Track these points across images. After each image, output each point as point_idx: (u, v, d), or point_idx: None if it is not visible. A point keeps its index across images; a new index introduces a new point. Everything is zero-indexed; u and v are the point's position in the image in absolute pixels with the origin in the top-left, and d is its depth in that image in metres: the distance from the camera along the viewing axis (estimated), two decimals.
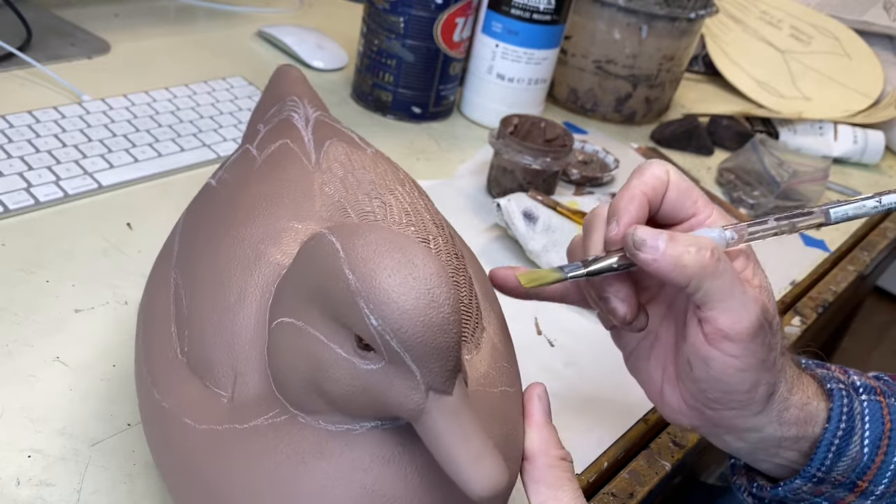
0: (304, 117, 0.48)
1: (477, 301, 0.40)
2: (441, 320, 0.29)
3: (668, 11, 0.94)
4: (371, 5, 0.85)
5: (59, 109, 0.73)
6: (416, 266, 0.29)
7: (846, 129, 1.04)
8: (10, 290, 0.54)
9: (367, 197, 0.40)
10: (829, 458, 0.44)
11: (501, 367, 0.38)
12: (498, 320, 0.42)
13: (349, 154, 0.44)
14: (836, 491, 0.45)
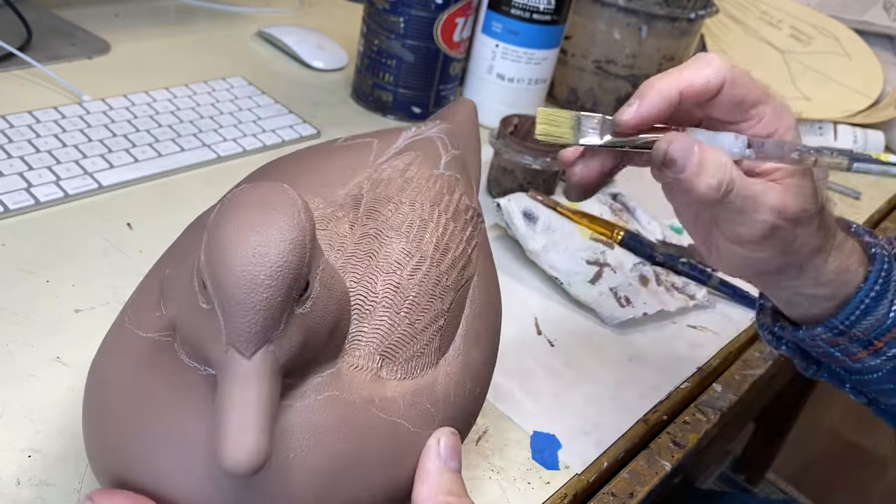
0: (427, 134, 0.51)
1: (442, 337, 0.39)
2: (253, 280, 0.29)
3: (668, 11, 0.94)
4: (371, 5, 0.85)
5: (59, 109, 0.73)
6: (262, 225, 0.29)
7: (846, 129, 1.04)
8: (10, 290, 0.54)
9: (386, 200, 0.43)
10: (856, 314, 0.45)
11: (422, 408, 0.36)
12: (476, 370, 0.41)
13: (409, 165, 0.46)
14: (851, 345, 0.47)
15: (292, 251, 0.29)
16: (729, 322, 0.69)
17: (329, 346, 0.34)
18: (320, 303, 0.32)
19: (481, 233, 0.47)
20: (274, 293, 0.29)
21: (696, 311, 0.69)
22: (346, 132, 0.84)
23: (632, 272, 0.69)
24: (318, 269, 0.32)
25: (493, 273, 0.47)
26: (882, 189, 1.02)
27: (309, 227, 0.31)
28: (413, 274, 0.39)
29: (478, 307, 0.43)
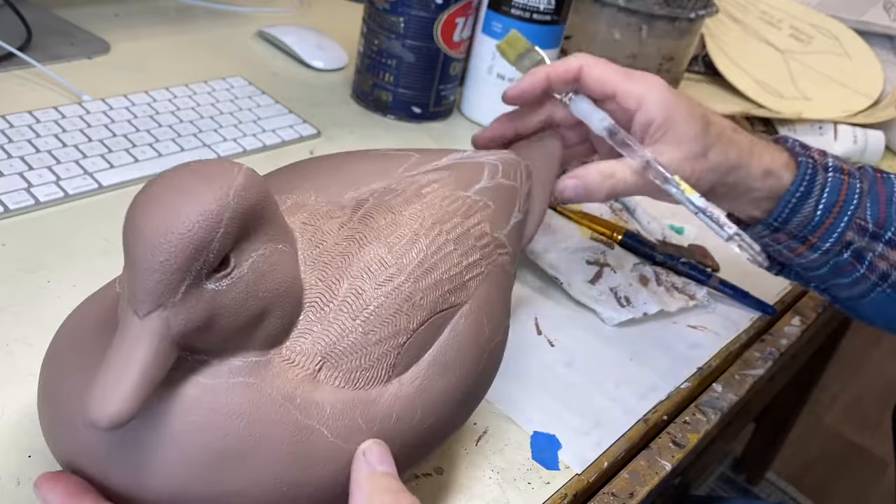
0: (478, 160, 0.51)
1: (400, 356, 0.38)
2: (153, 242, 0.29)
3: (668, 11, 0.94)
4: (371, 5, 0.85)
5: (59, 109, 0.73)
6: (183, 192, 0.30)
7: (846, 129, 1.04)
8: (11, 290, 0.54)
9: (387, 209, 0.42)
10: (785, 213, 0.56)
11: (352, 421, 0.35)
12: (433, 400, 0.39)
13: (433, 181, 0.46)
14: (791, 241, 0.57)
15: (201, 222, 0.30)
16: (729, 322, 0.69)
17: (256, 334, 0.34)
18: (244, 286, 0.32)
19: (495, 265, 0.45)
20: (171, 258, 0.29)
21: (697, 311, 0.69)
22: (347, 132, 0.84)
23: (632, 272, 0.69)
24: (255, 253, 0.33)
25: (498, 310, 0.44)
26: None
27: (237, 205, 0.31)
28: (382, 284, 0.38)
29: (460, 337, 0.41)
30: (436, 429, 0.40)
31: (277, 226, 0.35)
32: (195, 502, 0.33)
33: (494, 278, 0.44)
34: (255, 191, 0.32)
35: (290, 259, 0.35)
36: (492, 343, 0.43)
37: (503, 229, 0.47)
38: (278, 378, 0.34)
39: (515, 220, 0.49)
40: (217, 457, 0.32)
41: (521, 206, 0.51)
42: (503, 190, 0.49)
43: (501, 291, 0.45)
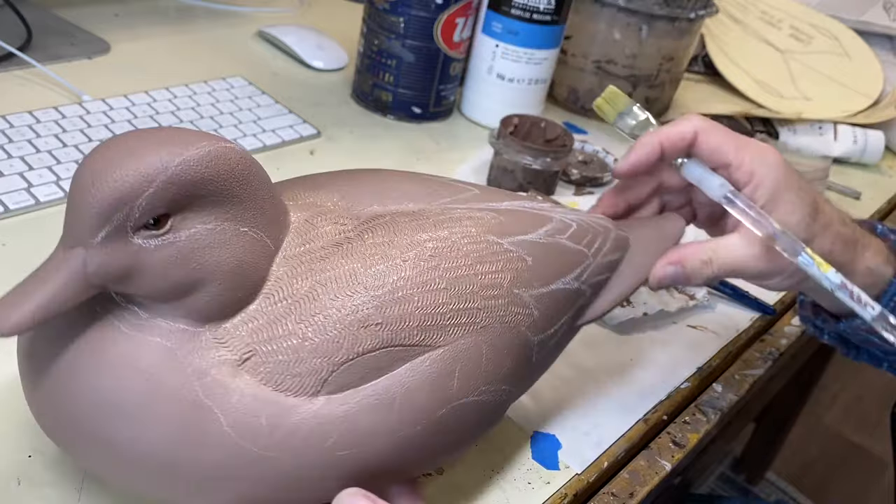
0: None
1: (337, 376, 0.36)
2: (84, 183, 0.32)
3: (668, 11, 0.94)
4: (371, 5, 0.85)
5: (59, 109, 0.73)
6: (132, 148, 0.32)
7: (846, 129, 1.04)
8: None
9: (395, 230, 0.41)
10: (891, 305, 0.52)
11: (255, 420, 0.35)
12: (355, 433, 0.37)
13: (464, 219, 0.43)
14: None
15: (129, 178, 0.31)
16: (729, 322, 0.69)
17: (187, 303, 0.35)
18: (174, 251, 0.33)
19: (501, 321, 0.41)
20: (94, 202, 0.31)
21: (697, 311, 0.69)
22: (347, 132, 0.84)
23: None
24: (202, 225, 0.34)
25: (485, 369, 0.40)
26: (882, 189, 1.02)
27: (180, 173, 0.32)
28: (340, 297, 0.37)
29: (416, 380, 0.38)
30: (354, 463, 0.37)
31: (251, 210, 0.36)
32: (84, 438, 0.35)
33: (493, 334, 0.41)
34: (213, 166, 0.33)
35: (249, 244, 0.36)
36: (459, 401, 0.39)
37: (534, 289, 0.43)
38: (198, 352, 0.35)
39: (564, 287, 0.45)
40: (108, 403, 0.34)
41: (583, 275, 0.46)
42: (558, 250, 0.45)
43: (500, 351, 0.41)
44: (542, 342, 0.44)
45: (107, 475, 0.37)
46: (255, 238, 0.36)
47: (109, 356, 0.34)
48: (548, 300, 0.44)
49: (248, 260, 0.36)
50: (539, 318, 0.43)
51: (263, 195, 0.36)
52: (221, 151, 0.34)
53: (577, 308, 0.47)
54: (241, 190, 0.35)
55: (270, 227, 0.37)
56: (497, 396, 0.42)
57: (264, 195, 0.37)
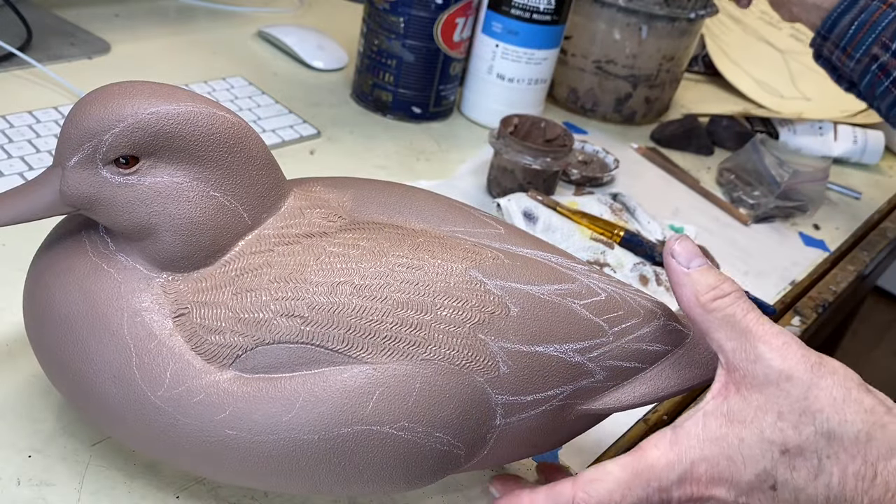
0: None
1: (247, 350, 0.36)
2: (71, 115, 0.36)
3: (668, 11, 0.94)
4: (371, 5, 0.85)
5: (59, 109, 0.73)
6: (109, 92, 0.36)
7: (846, 129, 1.04)
8: (11, 290, 0.54)
9: (383, 243, 0.40)
10: (828, 24, 0.79)
11: (159, 367, 0.36)
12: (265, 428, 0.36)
13: (466, 253, 0.41)
14: (836, 51, 0.80)
15: (101, 115, 0.35)
16: None
17: (143, 247, 0.37)
18: (135, 193, 0.36)
19: (447, 363, 0.38)
20: (70, 129, 0.36)
21: None
22: (346, 132, 0.84)
23: (632, 272, 0.69)
24: (168, 176, 0.36)
25: (407, 407, 0.37)
26: (882, 189, 1.02)
27: (150, 121, 0.35)
28: (276, 284, 0.37)
29: (325, 389, 0.37)
30: (239, 447, 0.36)
31: (229, 178, 0.37)
32: (46, 353, 0.39)
33: (435, 371, 0.37)
34: (187, 125, 0.36)
35: (215, 209, 0.37)
36: (371, 427, 0.37)
37: (508, 342, 0.39)
38: (140, 293, 0.37)
39: (557, 356, 0.40)
40: (58, 318, 0.38)
41: (593, 352, 0.41)
42: (563, 313, 0.41)
43: (439, 392, 0.37)
44: (511, 406, 0.39)
45: (60, 391, 0.40)
46: (225, 205, 0.38)
47: (70, 275, 0.38)
48: (529, 362, 0.39)
49: (208, 222, 0.37)
50: (508, 375, 0.39)
51: (251, 169, 0.38)
52: (203, 114, 0.36)
53: (580, 388, 0.41)
54: (221, 156, 0.37)
55: (251, 201, 0.38)
56: (427, 441, 0.38)
57: (252, 169, 0.38)
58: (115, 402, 0.37)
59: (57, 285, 0.38)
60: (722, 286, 0.39)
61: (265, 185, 0.39)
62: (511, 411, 0.40)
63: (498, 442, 0.40)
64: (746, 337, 0.38)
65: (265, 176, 0.39)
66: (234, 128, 0.37)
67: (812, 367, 0.37)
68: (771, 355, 0.37)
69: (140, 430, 0.37)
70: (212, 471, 0.38)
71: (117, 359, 0.36)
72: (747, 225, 0.85)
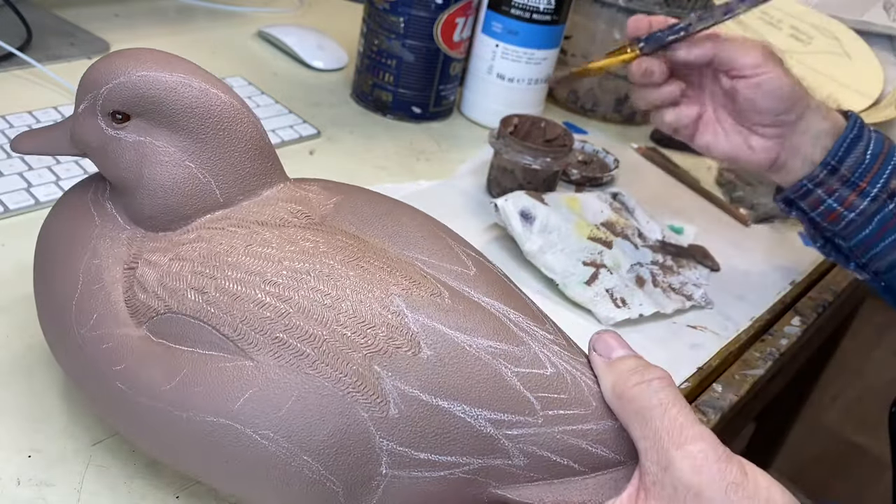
0: None
1: (160, 315, 0.37)
2: (86, 70, 0.39)
3: (667, 11, 0.94)
4: (371, 5, 0.85)
5: (59, 109, 0.73)
6: (115, 55, 0.39)
7: None
8: (10, 289, 0.54)
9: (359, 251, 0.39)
10: (841, 151, 0.63)
11: (106, 314, 0.38)
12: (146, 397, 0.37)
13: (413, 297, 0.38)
14: (843, 189, 0.63)
15: (102, 72, 0.38)
16: (729, 322, 0.69)
17: (125, 200, 0.40)
18: (119, 148, 0.39)
19: (329, 382, 0.35)
20: (83, 81, 0.39)
21: (696, 312, 0.69)
22: (346, 132, 0.84)
23: (628, 273, 0.69)
24: (150, 138, 0.38)
25: (273, 414, 0.35)
26: None
27: (138, 84, 0.38)
28: (200, 259, 0.38)
29: (202, 371, 0.36)
30: (122, 402, 0.37)
31: (208, 153, 0.39)
32: (35, 291, 0.42)
33: (311, 389, 0.35)
34: (172, 94, 0.38)
35: (186, 178, 0.39)
36: (227, 419, 0.35)
37: (408, 386, 0.35)
38: (109, 240, 0.40)
39: (465, 419, 0.36)
40: (44, 241, 0.42)
41: (512, 430, 0.37)
42: (488, 376, 0.36)
43: (311, 413, 0.35)
44: (400, 458, 0.36)
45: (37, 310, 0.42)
46: (197, 177, 0.39)
47: (66, 209, 0.42)
48: (427, 414, 0.36)
49: (176, 189, 0.39)
50: (399, 421, 0.35)
51: (234, 150, 0.40)
52: (192, 87, 0.38)
53: (492, 467, 0.37)
54: (204, 131, 0.39)
55: (227, 180, 0.40)
56: (291, 460, 0.35)
57: (235, 151, 0.40)
58: (55, 328, 0.41)
59: (54, 214, 0.43)
60: (643, 372, 0.35)
61: (248, 169, 0.40)
62: (400, 464, 0.36)
63: (389, 495, 0.37)
64: (660, 437, 0.33)
65: (250, 161, 0.40)
66: (223, 106, 0.39)
67: (728, 487, 0.32)
68: (682, 465, 0.33)
69: (63, 360, 0.41)
70: (107, 417, 0.41)
71: (66, 290, 0.39)
72: (747, 225, 0.85)
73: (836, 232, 0.65)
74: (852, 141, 0.63)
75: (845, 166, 0.63)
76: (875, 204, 0.63)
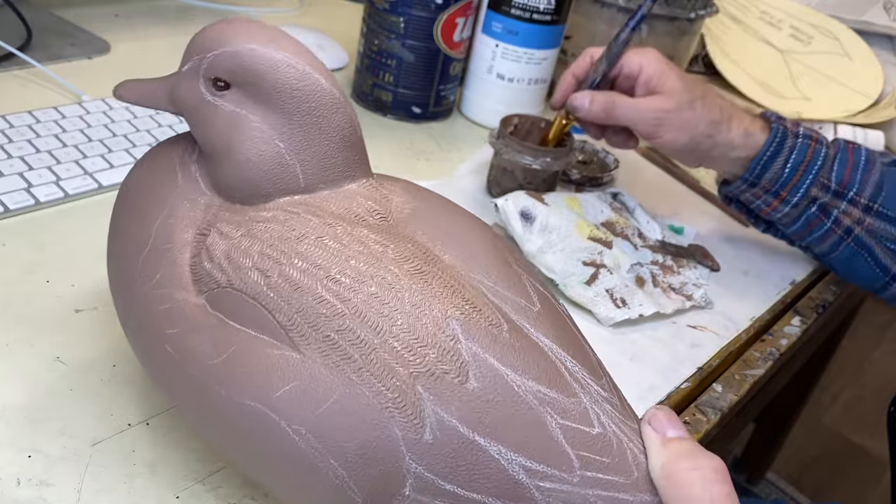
0: None
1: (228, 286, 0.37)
2: (197, 33, 0.40)
3: (668, 11, 0.94)
4: (371, 5, 0.85)
5: (59, 109, 0.73)
6: (228, 22, 0.40)
7: (846, 129, 1.04)
8: (10, 290, 0.54)
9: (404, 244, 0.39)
10: (758, 169, 0.68)
11: (172, 277, 0.39)
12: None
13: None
14: (766, 196, 0.69)
15: (212, 39, 0.39)
16: (729, 322, 0.69)
17: (211, 167, 0.40)
18: (213, 114, 0.39)
19: (370, 392, 0.35)
20: (191, 43, 0.40)
21: (696, 312, 0.69)
22: None
23: (629, 273, 0.69)
24: (245, 111, 0.39)
25: (311, 410, 0.35)
26: None
27: (242, 56, 0.38)
28: (269, 241, 0.37)
29: (253, 356, 0.36)
30: (171, 367, 0.38)
31: (299, 137, 0.39)
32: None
33: (350, 393, 0.35)
34: (273, 72, 0.38)
35: (272, 157, 0.39)
36: (264, 407, 0.35)
37: (448, 415, 0.34)
38: (189, 203, 0.40)
39: (500, 462, 0.35)
40: (125, 189, 0.43)
41: (544, 482, 0.35)
42: (530, 423, 0.35)
43: (346, 418, 0.34)
44: (426, 484, 0.35)
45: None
46: (284, 158, 0.39)
47: (152, 164, 0.43)
48: (461, 446, 0.34)
49: (262, 166, 0.39)
50: (432, 447, 0.34)
51: (324, 138, 0.39)
52: (295, 69, 0.38)
53: None
54: (298, 114, 0.39)
55: (312, 166, 0.39)
56: (319, 460, 0.35)
57: (325, 139, 0.39)
58: (120, 280, 0.41)
59: (140, 166, 0.43)
60: (699, 459, 0.34)
61: (334, 159, 0.40)
62: (425, 489, 0.35)
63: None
64: None
65: (338, 151, 0.40)
66: (321, 93, 0.39)
67: None
68: None
69: (121, 311, 0.42)
70: (152, 377, 0.41)
71: (137, 244, 0.40)
72: (747, 225, 0.85)
73: (774, 220, 0.72)
74: (769, 158, 0.67)
75: (764, 180, 0.68)
76: (797, 209, 0.69)
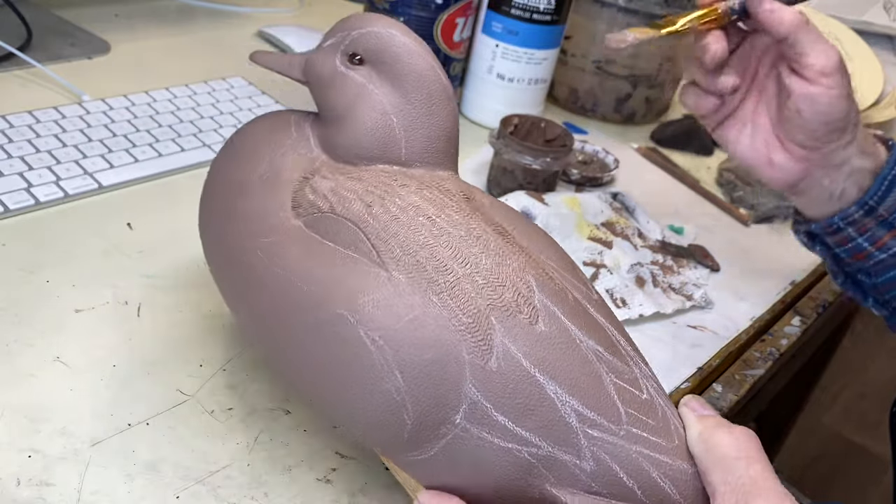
0: None
1: (365, 244, 0.39)
2: (342, 19, 0.45)
3: (668, 11, 0.94)
4: (371, 5, 0.85)
5: (59, 109, 0.73)
6: (380, 15, 0.45)
7: None
8: (10, 290, 0.54)
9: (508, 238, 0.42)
10: (883, 189, 0.57)
11: (276, 221, 0.42)
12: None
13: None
14: (877, 229, 0.58)
15: (357, 22, 0.44)
16: (729, 322, 0.69)
17: (330, 129, 0.44)
18: (343, 83, 0.44)
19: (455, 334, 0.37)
20: (337, 26, 0.45)
21: (696, 311, 0.69)
22: None
23: (629, 273, 0.69)
24: (373, 87, 0.43)
25: (401, 338, 0.36)
26: None
27: (379, 36, 0.43)
28: (373, 185, 0.42)
29: (348, 278, 0.38)
30: (260, 274, 0.41)
31: (412, 117, 0.43)
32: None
33: (429, 314, 0.37)
34: (403, 55, 0.43)
35: (383, 129, 0.43)
36: (345, 311, 0.37)
37: (516, 346, 0.37)
38: (300, 151, 0.44)
39: (557, 398, 0.37)
40: (241, 133, 0.47)
41: (594, 433, 0.37)
42: (588, 371, 0.38)
43: (416, 335, 0.36)
44: (479, 414, 0.36)
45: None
46: (395, 131, 0.43)
47: (268, 121, 0.47)
48: (521, 378, 0.36)
49: (372, 133, 0.43)
50: (494, 377, 0.36)
51: (432, 125, 0.44)
52: (426, 61, 0.43)
53: (558, 461, 0.37)
54: (418, 97, 0.43)
55: (415, 144, 0.44)
56: (383, 368, 0.36)
57: (433, 125, 0.44)
58: (224, 194, 0.45)
59: (255, 120, 0.47)
60: (731, 427, 0.37)
61: (434, 144, 0.44)
62: (476, 418, 0.36)
63: (449, 450, 0.37)
64: (743, 487, 0.34)
65: (438, 139, 0.44)
66: (441, 87, 0.44)
67: None
68: None
69: (213, 224, 0.45)
70: (231, 286, 0.44)
71: (249, 170, 0.44)
72: (747, 225, 0.85)
73: (861, 269, 0.61)
74: (894, 178, 0.57)
75: (884, 206, 0.58)
76: None
